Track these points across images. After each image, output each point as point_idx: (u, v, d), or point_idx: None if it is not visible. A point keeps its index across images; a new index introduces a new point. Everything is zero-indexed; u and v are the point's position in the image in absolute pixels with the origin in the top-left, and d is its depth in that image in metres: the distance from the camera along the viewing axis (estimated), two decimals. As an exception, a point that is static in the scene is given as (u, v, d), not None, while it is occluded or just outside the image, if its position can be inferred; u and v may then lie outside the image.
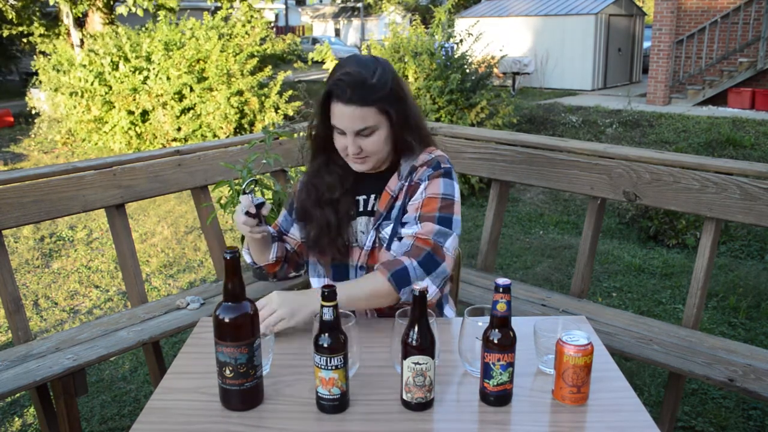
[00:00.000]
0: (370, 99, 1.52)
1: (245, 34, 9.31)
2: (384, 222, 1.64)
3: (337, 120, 1.55)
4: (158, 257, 4.84)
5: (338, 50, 22.25)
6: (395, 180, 1.65)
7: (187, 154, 2.82)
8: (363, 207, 1.68)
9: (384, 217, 1.64)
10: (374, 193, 1.67)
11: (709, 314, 3.72)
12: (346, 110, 1.52)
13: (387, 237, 1.63)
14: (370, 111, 1.53)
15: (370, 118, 1.54)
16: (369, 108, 1.53)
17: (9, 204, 2.29)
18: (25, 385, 2.02)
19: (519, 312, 2.47)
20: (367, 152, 1.58)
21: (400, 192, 1.64)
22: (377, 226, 1.64)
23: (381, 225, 1.64)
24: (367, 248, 1.64)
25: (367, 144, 1.56)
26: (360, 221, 1.67)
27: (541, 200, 6.62)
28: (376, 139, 1.57)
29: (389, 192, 1.65)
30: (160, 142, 8.90)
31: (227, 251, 1.20)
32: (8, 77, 17.81)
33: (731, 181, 2.26)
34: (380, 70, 1.55)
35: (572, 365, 1.22)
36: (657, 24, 11.79)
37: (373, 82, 1.52)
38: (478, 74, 7.51)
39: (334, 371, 1.20)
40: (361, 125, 1.54)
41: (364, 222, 1.67)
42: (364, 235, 1.66)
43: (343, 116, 1.54)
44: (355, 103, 1.51)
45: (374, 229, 1.64)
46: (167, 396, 1.31)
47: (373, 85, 1.52)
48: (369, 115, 1.53)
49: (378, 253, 1.63)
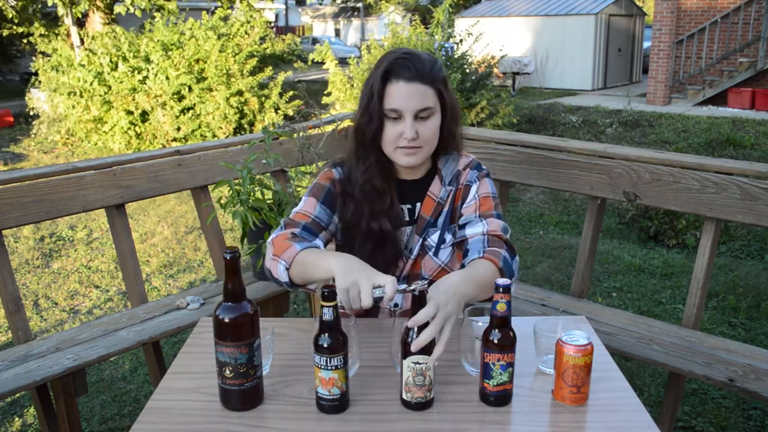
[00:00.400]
0: (431, 78, 1.51)
1: (244, 34, 9.30)
2: (431, 229, 1.61)
3: (396, 100, 1.49)
4: (158, 257, 4.84)
5: (338, 50, 22.24)
6: (438, 185, 1.62)
7: (187, 154, 2.82)
8: (409, 216, 1.64)
9: (431, 223, 1.61)
10: (416, 201, 1.63)
11: (709, 314, 3.72)
12: (408, 88, 1.48)
13: (434, 244, 1.61)
14: (430, 91, 1.51)
15: (430, 98, 1.51)
16: (429, 87, 1.51)
17: (9, 204, 2.29)
18: (25, 385, 2.02)
19: (519, 312, 2.47)
20: (423, 139, 1.52)
21: (447, 197, 1.62)
22: (424, 234, 1.61)
23: (428, 232, 1.61)
24: (412, 257, 1.61)
25: (424, 129, 1.52)
26: (403, 231, 1.63)
27: (541, 200, 6.62)
28: (431, 126, 1.53)
29: (433, 198, 1.62)
30: (159, 142, 8.90)
31: (227, 251, 1.20)
32: (8, 77, 17.81)
33: (731, 181, 2.26)
34: (433, 59, 1.56)
35: (572, 365, 1.23)
36: (657, 24, 11.79)
37: (432, 65, 1.53)
38: (478, 74, 7.51)
39: (334, 371, 1.20)
40: (422, 104, 1.50)
41: (408, 232, 1.63)
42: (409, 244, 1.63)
43: (404, 94, 1.49)
44: (418, 80, 1.49)
45: (421, 237, 1.61)
46: (167, 396, 1.31)
47: (433, 67, 1.53)
48: (429, 94, 1.51)
49: (421, 261, 1.61)
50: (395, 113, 1.50)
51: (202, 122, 8.65)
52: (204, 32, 8.89)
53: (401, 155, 1.54)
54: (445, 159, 1.66)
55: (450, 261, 1.63)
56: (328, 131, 3.26)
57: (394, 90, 1.49)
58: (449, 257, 1.63)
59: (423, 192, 1.64)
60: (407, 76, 1.49)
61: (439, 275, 1.60)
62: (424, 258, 1.62)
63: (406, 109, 1.50)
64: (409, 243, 1.63)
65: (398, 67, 1.49)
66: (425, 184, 1.64)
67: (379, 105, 1.51)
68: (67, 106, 9.13)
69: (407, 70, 1.49)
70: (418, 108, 1.50)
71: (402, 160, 1.56)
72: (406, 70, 1.49)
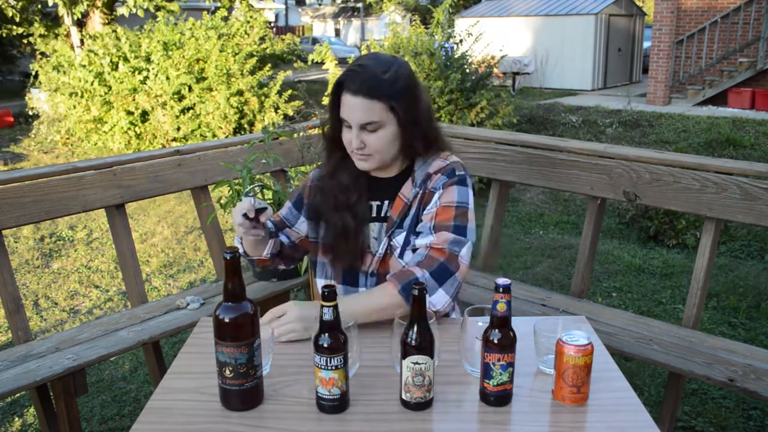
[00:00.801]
0: (378, 93, 1.51)
1: (244, 34, 9.31)
2: (397, 230, 1.63)
3: (344, 111, 1.54)
4: (158, 257, 4.84)
5: (338, 50, 22.25)
6: (409, 186, 1.63)
7: (187, 154, 2.82)
8: (376, 213, 1.66)
9: (397, 224, 1.63)
10: (387, 199, 1.66)
11: (709, 314, 3.72)
12: (353, 101, 1.51)
13: (399, 245, 1.61)
14: (377, 105, 1.51)
15: (375, 112, 1.52)
16: (375, 102, 1.51)
17: (9, 204, 2.29)
18: (25, 385, 2.02)
19: (519, 312, 2.47)
20: (371, 149, 1.56)
21: (414, 199, 1.63)
22: (390, 234, 1.63)
23: (394, 232, 1.63)
24: (379, 255, 1.63)
25: (371, 140, 1.55)
26: (373, 227, 1.66)
27: (541, 200, 6.62)
28: (380, 136, 1.55)
29: (402, 198, 1.63)
30: (159, 142, 8.90)
31: (227, 251, 1.20)
32: (8, 77, 17.81)
33: (731, 181, 2.26)
34: (395, 68, 1.54)
35: (572, 365, 1.22)
36: (657, 24, 11.79)
37: (384, 77, 1.52)
38: (477, 74, 7.51)
39: (334, 371, 1.20)
40: (366, 118, 1.52)
41: (377, 228, 1.65)
42: (376, 242, 1.65)
43: (349, 107, 1.53)
44: (362, 95, 1.50)
45: (387, 237, 1.63)
46: (167, 396, 1.31)
47: (384, 80, 1.51)
48: (375, 109, 1.52)
49: (389, 260, 1.63)
50: (346, 122, 1.56)
51: (202, 122, 8.65)
52: (204, 32, 8.89)
53: (355, 159, 1.61)
54: (422, 160, 1.65)
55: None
56: (328, 131, 3.25)
57: (344, 100, 1.54)
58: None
59: (395, 190, 1.65)
60: (353, 89, 1.51)
61: None
62: (390, 258, 1.63)
63: (352, 121, 1.54)
64: (379, 240, 1.65)
65: (348, 79, 1.53)
66: (398, 183, 1.66)
67: (334, 111, 1.59)
68: (68, 107, 9.13)
69: (353, 83, 1.51)
70: (361, 121, 1.53)
71: (357, 164, 1.62)
72: (353, 83, 1.52)
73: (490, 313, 1.23)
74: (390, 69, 1.53)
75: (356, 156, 1.59)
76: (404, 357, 1.20)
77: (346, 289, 1.68)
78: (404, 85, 1.55)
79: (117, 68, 8.88)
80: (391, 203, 1.65)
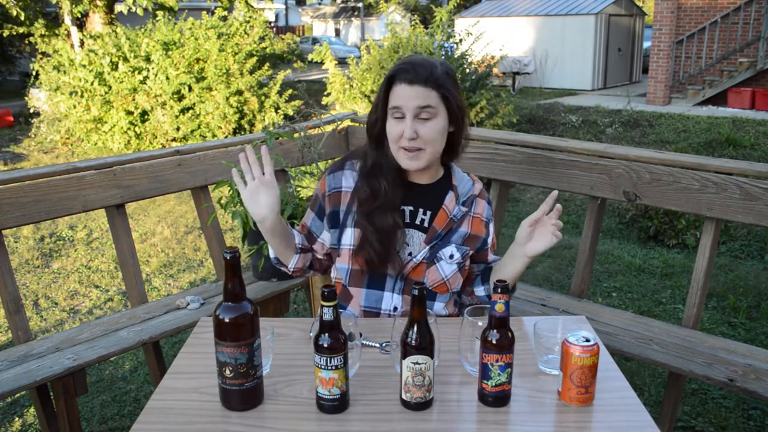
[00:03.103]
0: (434, 82, 1.54)
1: (244, 34, 9.31)
2: (440, 242, 1.64)
3: (397, 100, 1.55)
4: (158, 257, 4.85)
5: (338, 50, 22.26)
6: (452, 201, 1.65)
7: (187, 154, 2.82)
8: (410, 218, 1.65)
9: (441, 237, 1.64)
10: (422, 207, 1.65)
11: (709, 314, 3.72)
12: (409, 89, 1.53)
13: (445, 257, 1.63)
14: (432, 93, 1.54)
15: (432, 98, 1.54)
16: (431, 90, 1.54)
17: (9, 204, 2.29)
18: (25, 385, 2.02)
19: (519, 312, 2.47)
20: (423, 140, 1.55)
21: (462, 219, 1.66)
22: (433, 244, 1.64)
23: (437, 244, 1.64)
24: (415, 261, 1.63)
25: (424, 130, 1.54)
26: (409, 233, 1.65)
27: (541, 200, 6.60)
28: (433, 126, 1.55)
29: (447, 212, 1.64)
30: (159, 142, 8.90)
31: (227, 251, 1.20)
32: (8, 77, 17.82)
33: (731, 181, 2.26)
34: (445, 65, 1.59)
35: (579, 366, 1.22)
36: (657, 24, 11.79)
37: (437, 69, 1.56)
38: (477, 74, 7.51)
39: (334, 371, 1.20)
40: (422, 102, 1.53)
41: (416, 235, 1.65)
42: (408, 248, 1.64)
43: (404, 95, 1.54)
44: (418, 83, 1.53)
45: (428, 246, 1.63)
46: (167, 396, 1.31)
47: (438, 72, 1.56)
48: (431, 96, 1.54)
49: (425, 268, 1.63)
50: (398, 111, 1.55)
51: (201, 122, 8.65)
52: (204, 32, 8.89)
53: (403, 157, 1.58)
54: (459, 175, 1.71)
55: (452, 277, 1.66)
56: (328, 131, 3.26)
57: (397, 90, 1.55)
58: (453, 274, 1.66)
59: (430, 199, 1.66)
60: (408, 79, 1.54)
61: (438, 287, 1.65)
62: (430, 267, 1.63)
63: (407, 107, 1.54)
64: (410, 245, 1.64)
65: (401, 71, 1.55)
66: (435, 192, 1.66)
67: (383, 104, 1.58)
68: (68, 106, 9.13)
69: (408, 73, 1.54)
70: (418, 105, 1.53)
71: (404, 163, 1.59)
72: (408, 74, 1.54)
73: (489, 314, 1.23)
74: (442, 64, 1.59)
75: (406, 154, 1.57)
76: (404, 357, 1.20)
77: (369, 292, 1.65)
78: (453, 79, 1.60)
79: (117, 68, 8.88)
80: (429, 212, 1.65)
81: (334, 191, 1.68)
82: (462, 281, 1.70)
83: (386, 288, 1.65)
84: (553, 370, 1.34)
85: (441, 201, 1.65)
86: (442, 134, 1.58)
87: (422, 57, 1.61)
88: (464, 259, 1.67)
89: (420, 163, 1.58)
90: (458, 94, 1.60)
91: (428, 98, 1.54)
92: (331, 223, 1.68)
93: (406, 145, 1.55)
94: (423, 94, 1.53)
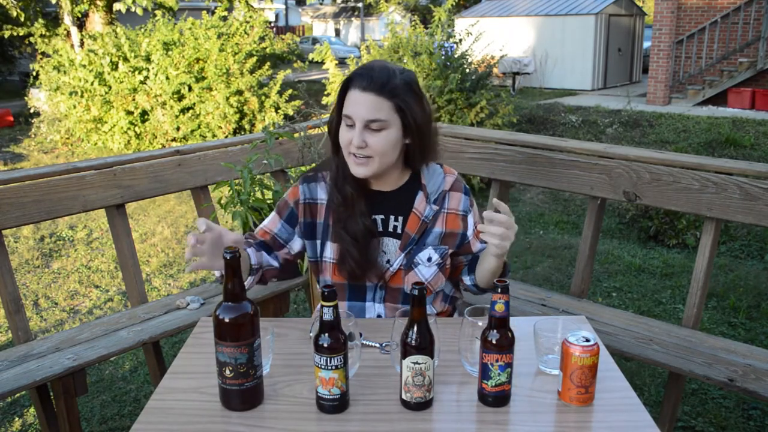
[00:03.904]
0: (388, 91, 1.49)
1: (244, 33, 9.31)
2: (416, 246, 1.62)
3: (350, 107, 1.51)
4: (158, 257, 4.85)
5: (338, 50, 22.27)
6: (423, 202, 1.62)
7: (187, 154, 2.82)
8: (382, 227, 1.63)
9: (415, 241, 1.62)
10: (393, 214, 1.63)
11: (709, 314, 3.72)
12: (361, 97, 1.49)
13: (422, 261, 1.62)
14: (385, 104, 1.49)
15: (383, 111, 1.49)
16: (385, 100, 1.49)
17: (9, 204, 2.29)
18: (25, 385, 2.02)
19: (519, 312, 2.47)
20: (372, 150, 1.51)
21: (435, 219, 1.63)
22: (408, 250, 1.62)
23: (413, 249, 1.62)
24: (393, 270, 1.62)
25: (373, 140, 1.50)
26: (384, 241, 1.63)
27: (541, 200, 6.62)
28: (383, 137, 1.51)
29: (418, 215, 1.61)
30: (159, 142, 8.90)
31: (227, 251, 1.20)
32: (8, 77, 17.83)
33: (731, 181, 2.26)
34: (405, 74, 1.54)
35: (580, 366, 1.22)
36: (657, 24, 11.79)
37: (395, 78, 1.51)
38: (477, 74, 7.51)
39: (334, 371, 1.20)
40: (372, 115, 1.49)
41: (391, 243, 1.63)
42: (385, 255, 1.63)
43: (356, 103, 1.49)
44: (372, 91, 1.48)
45: (404, 253, 1.61)
46: (167, 396, 1.31)
47: (395, 80, 1.51)
48: (383, 107, 1.49)
49: (404, 275, 1.62)
50: (349, 119, 1.52)
51: (201, 122, 8.65)
52: (204, 32, 8.89)
53: (352, 163, 1.55)
54: (428, 174, 1.65)
55: (433, 279, 1.64)
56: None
57: (351, 96, 1.51)
58: (433, 275, 1.64)
59: (399, 203, 1.63)
60: (362, 85, 1.49)
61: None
62: (408, 273, 1.62)
63: (356, 117, 1.50)
64: (387, 253, 1.63)
65: (358, 77, 1.51)
66: (403, 196, 1.63)
67: (338, 110, 1.55)
68: (68, 106, 9.13)
69: (364, 80, 1.50)
70: (367, 118, 1.49)
71: (352, 169, 1.56)
72: (363, 80, 1.50)
73: (489, 314, 1.23)
74: (402, 72, 1.54)
75: (353, 160, 1.54)
76: (404, 357, 1.20)
77: (352, 304, 1.66)
78: (413, 89, 1.54)
79: (117, 68, 8.88)
80: (400, 217, 1.62)
81: (309, 201, 1.65)
82: (445, 279, 1.68)
83: (367, 299, 1.65)
84: (553, 370, 1.34)
85: (411, 205, 1.62)
86: (393, 146, 1.53)
87: (384, 64, 1.55)
88: (444, 258, 1.65)
89: (368, 170, 1.54)
90: (417, 105, 1.54)
91: (380, 109, 1.49)
92: (307, 234, 1.66)
93: (354, 152, 1.52)
94: (375, 104, 1.48)
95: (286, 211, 1.67)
